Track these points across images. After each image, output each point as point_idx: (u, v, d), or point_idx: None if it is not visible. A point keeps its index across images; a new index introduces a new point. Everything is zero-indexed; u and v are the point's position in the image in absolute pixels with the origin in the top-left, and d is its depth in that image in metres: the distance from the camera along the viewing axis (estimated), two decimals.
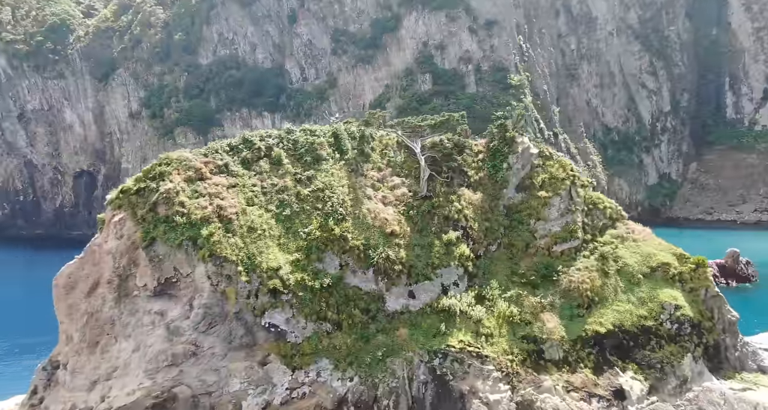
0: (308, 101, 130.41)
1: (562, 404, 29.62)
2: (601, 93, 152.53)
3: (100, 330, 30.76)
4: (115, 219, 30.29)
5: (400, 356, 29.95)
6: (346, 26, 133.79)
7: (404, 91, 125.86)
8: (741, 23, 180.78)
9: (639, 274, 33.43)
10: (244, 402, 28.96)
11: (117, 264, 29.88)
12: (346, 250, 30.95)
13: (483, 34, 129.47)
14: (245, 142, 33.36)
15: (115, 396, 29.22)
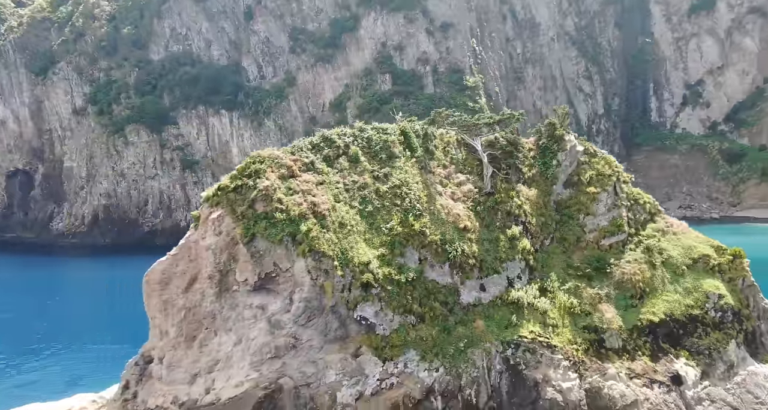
0: (267, 100, 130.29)
1: (627, 390, 32.49)
2: (545, 95, 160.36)
3: (198, 325, 31.60)
4: (213, 216, 31.18)
5: (479, 347, 32.12)
6: (304, 25, 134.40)
7: (364, 90, 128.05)
8: (662, 33, 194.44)
9: (683, 266, 36.62)
10: (339, 393, 30.38)
11: (217, 260, 30.81)
12: (425, 245, 32.99)
13: (439, 36, 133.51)
14: (326, 141, 34.75)
15: (221, 388, 30.23)
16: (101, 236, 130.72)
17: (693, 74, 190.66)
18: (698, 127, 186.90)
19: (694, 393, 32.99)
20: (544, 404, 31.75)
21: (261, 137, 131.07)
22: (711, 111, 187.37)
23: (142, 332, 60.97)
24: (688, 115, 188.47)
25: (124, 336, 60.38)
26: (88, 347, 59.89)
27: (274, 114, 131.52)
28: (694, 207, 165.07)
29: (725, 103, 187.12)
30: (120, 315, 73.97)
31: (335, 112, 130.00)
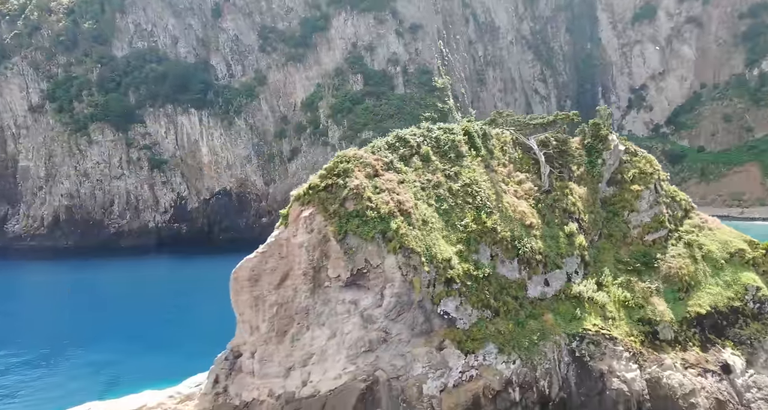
0: (237, 98, 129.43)
1: (685, 379, 34.79)
2: (505, 97, 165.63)
3: (289, 320, 32.56)
4: (304, 214, 32.21)
5: (549, 339, 34.03)
6: (274, 23, 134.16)
7: (336, 90, 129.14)
8: (609, 40, 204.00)
9: (721, 260, 39.22)
10: (425, 385, 31.76)
11: (311, 257, 31.84)
12: (496, 242, 34.86)
13: (408, 37, 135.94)
14: (400, 140, 36.14)
15: (318, 381, 31.34)
16: (63, 238, 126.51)
17: (637, 79, 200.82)
18: (643, 129, 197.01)
19: (743, 381, 35.78)
20: (611, 394, 33.85)
21: (231, 136, 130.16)
22: (654, 114, 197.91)
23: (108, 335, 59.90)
24: (633, 118, 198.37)
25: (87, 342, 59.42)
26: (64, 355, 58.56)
27: (245, 113, 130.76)
28: None
29: (666, 107, 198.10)
30: (87, 318, 72.17)
31: (307, 111, 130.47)
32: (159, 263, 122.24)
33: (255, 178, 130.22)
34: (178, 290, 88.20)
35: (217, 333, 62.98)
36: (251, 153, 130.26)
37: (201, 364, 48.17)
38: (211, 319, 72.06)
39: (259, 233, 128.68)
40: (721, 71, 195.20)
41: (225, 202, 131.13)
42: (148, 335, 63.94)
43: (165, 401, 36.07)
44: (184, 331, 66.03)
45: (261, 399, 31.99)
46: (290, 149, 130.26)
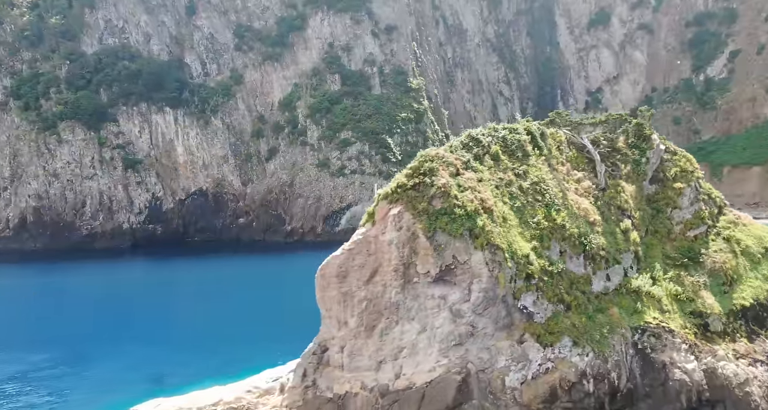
0: (214, 97, 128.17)
1: (738, 370, 36.65)
2: (473, 99, 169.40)
3: (378, 315, 33.52)
4: (393, 212, 33.23)
5: (617, 333, 35.43)
6: (250, 22, 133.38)
7: (314, 90, 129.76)
8: (567, 44, 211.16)
9: (758, 254, 41.46)
10: (507, 378, 32.90)
11: (401, 254, 32.98)
12: (565, 238, 36.52)
13: (384, 38, 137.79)
14: (473, 140, 37.50)
15: (412, 373, 32.42)
16: (31, 240, 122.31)
17: (593, 82, 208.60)
18: None
19: None
20: (673, 385, 35.45)
21: (208, 136, 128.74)
22: None
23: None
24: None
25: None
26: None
27: (222, 112, 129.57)
28: None
29: (621, 109, 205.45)
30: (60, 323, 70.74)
31: (285, 111, 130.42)
32: (135, 265, 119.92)
33: (232, 178, 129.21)
34: (156, 292, 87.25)
35: (218, 332, 63.15)
36: (228, 152, 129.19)
37: (222, 362, 48.78)
38: (202, 320, 71.04)
39: (237, 234, 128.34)
40: (670, 76, 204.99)
41: (201, 203, 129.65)
42: (153, 336, 63.11)
43: (243, 395, 36.46)
44: (188, 331, 65.62)
45: (354, 392, 32.88)
46: (268, 149, 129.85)
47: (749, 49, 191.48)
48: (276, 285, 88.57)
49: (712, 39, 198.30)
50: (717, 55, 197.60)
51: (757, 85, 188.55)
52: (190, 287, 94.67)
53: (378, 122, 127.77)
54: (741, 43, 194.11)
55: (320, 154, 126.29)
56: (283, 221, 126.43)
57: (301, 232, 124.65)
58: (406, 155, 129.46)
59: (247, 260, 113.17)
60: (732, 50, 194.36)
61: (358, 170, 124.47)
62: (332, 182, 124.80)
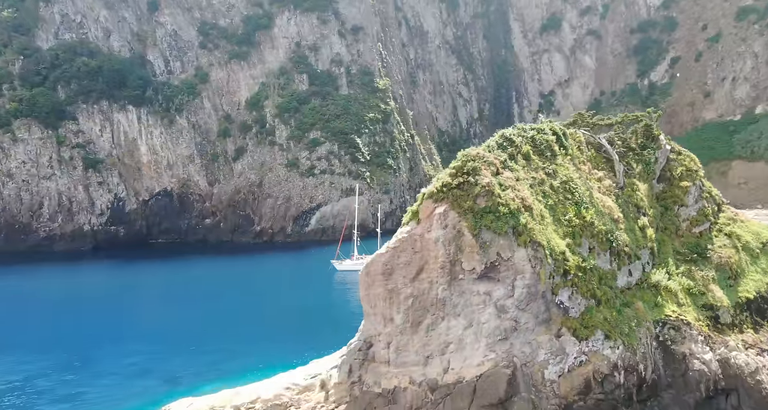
0: (179, 96, 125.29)
1: (749, 359, 38.70)
2: (434, 99, 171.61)
3: (424, 311, 34.14)
4: (438, 211, 33.89)
5: (642, 326, 37.05)
6: (215, 20, 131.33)
7: (282, 89, 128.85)
8: (521, 48, 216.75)
9: (756, 249, 43.86)
10: (546, 371, 33.99)
11: (447, 251, 33.73)
12: (594, 235, 37.95)
13: (351, 38, 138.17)
14: (507, 140, 38.56)
15: (461, 368, 33.18)
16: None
17: (546, 85, 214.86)
18: None
19: None
20: (693, 375, 37.26)
21: (173, 135, 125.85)
22: (561, 118, 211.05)
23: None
24: (542, 122, 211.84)
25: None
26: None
27: (187, 111, 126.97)
28: None
29: (572, 112, 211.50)
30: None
31: (252, 110, 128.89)
32: (96, 267, 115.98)
33: (198, 178, 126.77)
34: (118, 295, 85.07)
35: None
36: (194, 152, 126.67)
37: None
38: (169, 323, 68.86)
39: (204, 235, 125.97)
40: (617, 80, 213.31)
41: (165, 203, 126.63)
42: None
43: (282, 393, 36.48)
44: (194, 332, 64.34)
45: (403, 386, 33.43)
46: (235, 148, 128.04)
47: (688, 56, 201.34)
48: (249, 285, 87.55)
49: (654, 46, 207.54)
50: (659, 61, 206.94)
51: (696, 90, 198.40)
52: (156, 290, 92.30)
53: (347, 122, 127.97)
54: (681, 51, 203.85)
55: (289, 153, 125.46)
56: (252, 221, 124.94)
57: (270, 233, 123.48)
58: (375, 155, 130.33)
59: (215, 261, 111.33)
60: (673, 57, 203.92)
61: (328, 170, 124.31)
62: (302, 182, 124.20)
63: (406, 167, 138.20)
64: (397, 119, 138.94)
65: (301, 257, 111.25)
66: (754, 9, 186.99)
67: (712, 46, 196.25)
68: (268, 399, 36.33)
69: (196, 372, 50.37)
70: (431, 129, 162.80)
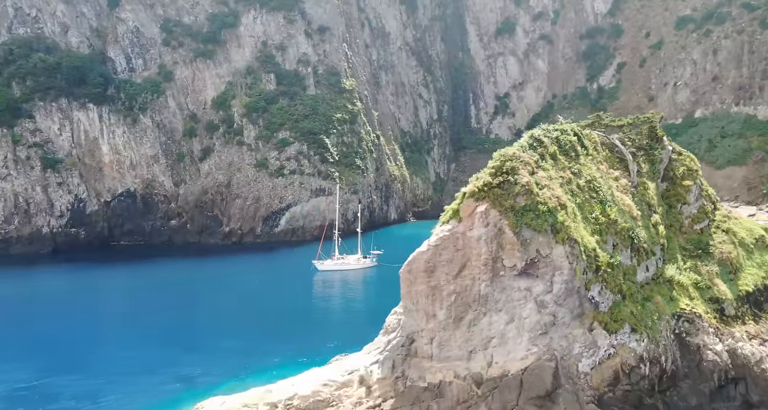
0: (142, 94, 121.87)
1: (754, 349, 40.88)
2: (397, 100, 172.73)
3: (466, 307, 34.87)
4: (480, 209, 34.65)
5: (663, 319, 38.73)
6: (179, 17, 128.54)
7: (250, 89, 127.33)
8: (477, 51, 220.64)
9: (750, 245, 46.12)
10: (580, 364, 35.03)
11: (490, 249, 34.55)
12: (617, 232, 39.32)
13: (317, 38, 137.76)
14: (536, 141, 39.60)
15: (505, 362, 34.05)
16: None
17: (501, 88, 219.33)
18: (507, 134, 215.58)
19: None
20: (708, 365, 39.14)
21: (136, 134, 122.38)
22: (516, 120, 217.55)
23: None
24: (499, 123, 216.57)
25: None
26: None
27: (151, 110, 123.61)
28: None
29: (526, 114, 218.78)
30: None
31: (219, 110, 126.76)
32: (55, 271, 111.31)
33: (163, 178, 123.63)
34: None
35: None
36: (159, 152, 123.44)
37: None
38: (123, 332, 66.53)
39: (169, 236, 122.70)
40: (568, 83, 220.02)
41: (128, 204, 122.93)
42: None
43: (320, 389, 36.66)
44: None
45: (448, 380, 34.11)
46: (202, 148, 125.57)
47: (633, 62, 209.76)
48: (221, 287, 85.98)
49: (602, 51, 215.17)
50: (607, 66, 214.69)
51: (641, 95, 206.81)
52: (119, 293, 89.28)
53: (315, 122, 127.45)
54: (626, 56, 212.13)
55: (258, 153, 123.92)
56: (220, 222, 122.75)
57: (239, 234, 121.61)
58: (343, 155, 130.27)
59: (183, 263, 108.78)
60: (619, 62, 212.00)
61: (298, 170, 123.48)
62: (271, 182, 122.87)
63: (373, 167, 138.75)
64: (364, 120, 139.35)
65: (274, 258, 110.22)
66: (692, 19, 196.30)
67: (654, 52, 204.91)
68: (306, 396, 36.37)
69: (199, 373, 49.51)
70: (394, 129, 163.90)
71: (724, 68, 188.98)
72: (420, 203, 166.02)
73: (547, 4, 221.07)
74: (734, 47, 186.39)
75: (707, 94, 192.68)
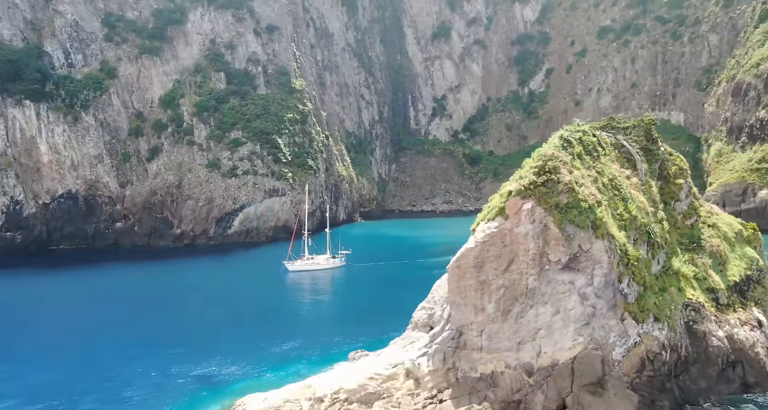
0: (84, 91, 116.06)
1: (747, 334, 44.34)
2: (342, 101, 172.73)
3: (513, 300, 36.05)
4: (527, 207, 35.92)
5: (677, 308, 41.33)
6: (122, 12, 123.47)
7: (199, 88, 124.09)
8: (414, 53, 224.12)
9: (732, 238, 49.77)
10: (613, 352, 36.86)
11: (537, 244, 35.87)
12: (637, 227, 41.34)
13: (266, 37, 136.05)
14: (565, 141, 41.22)
15: (553, 352, 35.48)
16: None
17: (438, 90, 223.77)
18: (445, 135, 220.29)
19: None
20: (713, 350, 42.16)
21: (78, 133, 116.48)
22: (453, 122, 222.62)
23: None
24: (437, 125, 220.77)
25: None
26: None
27: (94, 108, 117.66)
28: (453, 202, 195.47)
29: (462, 116, 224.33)
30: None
31: (167, 108, 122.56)
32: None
33: (108, 179, 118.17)
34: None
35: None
36: (103, 152, 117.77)
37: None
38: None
39: (115, 239, 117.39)
40: (501, 87, 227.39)
41: (69, 206, 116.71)
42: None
43: (366, 382, 37.02)
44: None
45: (500, 370, 35.32)
46: (149, 148, 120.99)
47: (560, 68, 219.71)
48: (193, 290, 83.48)
49: (532, 57, 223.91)
50: (536, 71, 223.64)
51: (568, 99, 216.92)
52: (60, 301, 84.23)
53: (267, 122, 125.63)
54: (554, 63, 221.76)
55: (210, 154, 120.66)
56: (171, 224, 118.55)
57: (192, 236, 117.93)
58: (295, 156, 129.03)
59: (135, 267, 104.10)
60: (547, 68, 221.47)
61: (251, 170, 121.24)
62: (224, 183, 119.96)
63: (323, 168, 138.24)
64: (314, 120, 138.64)
65: (233, 260, 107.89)
66: (612, 29, 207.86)
67: (579, 60, 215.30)
68: (353, 389, 36.70)
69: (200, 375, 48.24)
70: (340, 130, 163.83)
71: (641, 76, 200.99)
72: (366, 203, 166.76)
73: (480, 11, 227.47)
74: (650, 57, 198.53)
75: (627, 100, 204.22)
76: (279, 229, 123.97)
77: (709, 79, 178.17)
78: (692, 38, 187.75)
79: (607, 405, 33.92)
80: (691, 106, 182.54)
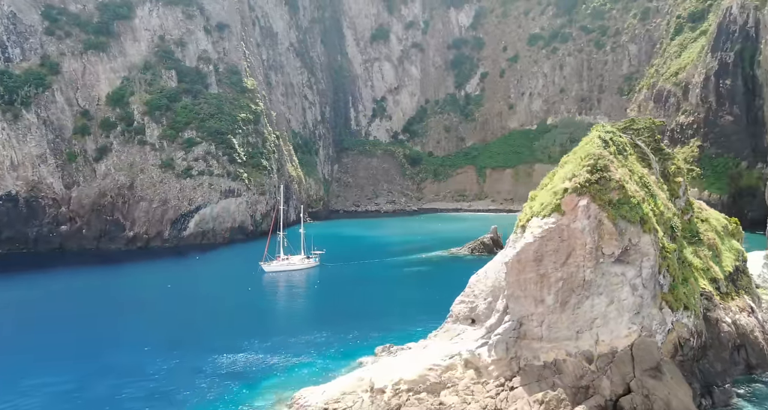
0: (24, 88, 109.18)
1: (747, 320, 47.74)
2: (287, 101, 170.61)
3: (570, 292, 37.34)
4: (582, 203, 37.30)
5: (697, 297, 44.03)
6: (63, 5, 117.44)
7: (150, 85, 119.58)
8: (354, 55, 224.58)
9: (722, 232, 54.08)
10: (654, 339, 39.64)
11: (593, 238, 37.35)
12: (663, 222, 43.95)
13: (216, 35, 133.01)
14: (604, 142, 42.86)
15: (610, 340, 37.07)
16: None
17: (378, 92, 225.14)
18: (385, 136, 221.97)
19: (762, 317, 51.30)
20: (725, 335, 45.12)
21: (19, 131, 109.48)
22: (393, 123, 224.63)
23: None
24: (377, 126, 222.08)
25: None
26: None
27: (36, 105, 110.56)
28: (396, 202, 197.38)
29: (402, 117, 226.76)
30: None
31: (116, 106, 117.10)
32: None
33: (52, 179, 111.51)
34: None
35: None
36: (46, 151, 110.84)
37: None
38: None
39: (60, 243, 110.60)
40: (439, 90, 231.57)
41: (8, 209, 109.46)
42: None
43: (426, 373, 37.89)
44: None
45: (562, 358, 36.74)
46: (97, 148, 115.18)
47: (494, 72, 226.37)
48: (167, 293, 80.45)
49: (467, 61, 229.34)
50: (472, 75, 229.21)
51: (502, 102, 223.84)
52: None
53: (222, 122, 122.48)
54: (488, 67, 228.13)
55: (163, 154, 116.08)
56: (123, 227, 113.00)
57: (145, 238, 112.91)
58: (249, 156, 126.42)
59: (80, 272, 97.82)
60: (482, 72, 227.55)
61: (206, 171, 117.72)
62: (179, 184, 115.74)
63: (276, 168, 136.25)
64: (266, 120, 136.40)
65: (196, 262, 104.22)
66: (541, 36, 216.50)
67: (512, 65, 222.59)
68: (413, 380, 37.23)
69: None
70: (288, 130, 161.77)
71: (569, 82, 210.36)
72: (313, 204, 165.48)
73: (417, 14, 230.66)
74: (576, 64, 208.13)
75: (556, 104, 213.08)
76: (235, 230, 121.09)
77: (630, 85, 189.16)
78: (614, 47, 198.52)
79: (668, 388, 35.73)
80: (615, 110, 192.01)
